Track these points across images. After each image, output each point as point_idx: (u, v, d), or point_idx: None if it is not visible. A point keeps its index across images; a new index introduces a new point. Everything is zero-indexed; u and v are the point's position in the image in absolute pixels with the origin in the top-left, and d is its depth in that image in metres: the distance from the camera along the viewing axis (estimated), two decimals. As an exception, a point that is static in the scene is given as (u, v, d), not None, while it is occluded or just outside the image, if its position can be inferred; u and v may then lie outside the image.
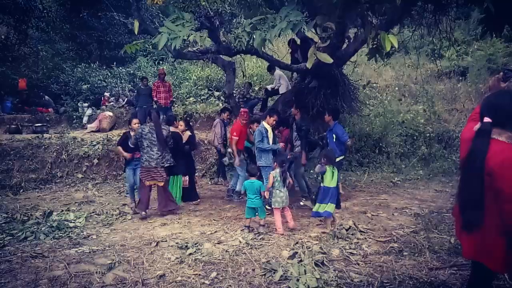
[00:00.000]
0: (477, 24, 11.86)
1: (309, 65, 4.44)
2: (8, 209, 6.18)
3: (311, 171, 7.70)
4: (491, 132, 2.11)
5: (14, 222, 5.52)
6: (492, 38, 5.28)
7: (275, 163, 5.10)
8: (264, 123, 5.96)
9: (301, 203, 6.28)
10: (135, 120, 6.27)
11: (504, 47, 14.14)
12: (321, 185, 5.01)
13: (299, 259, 3.85)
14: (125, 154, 6.11)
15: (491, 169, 2.04)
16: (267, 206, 5.49)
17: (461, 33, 15.12)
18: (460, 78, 13.49)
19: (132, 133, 6.03)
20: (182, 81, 13.55)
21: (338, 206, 5.67)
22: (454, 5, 5.95)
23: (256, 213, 5.04)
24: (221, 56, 7.09)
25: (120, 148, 6.15)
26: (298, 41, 8.15)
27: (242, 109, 6.79)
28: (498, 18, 4.34)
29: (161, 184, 5.85)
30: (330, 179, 4.93)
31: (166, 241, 4.68)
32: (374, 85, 11.81)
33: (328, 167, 4.94)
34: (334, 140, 5.94)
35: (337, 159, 5.62)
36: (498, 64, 13.73)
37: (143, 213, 5.81)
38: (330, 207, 4.88)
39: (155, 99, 9.43)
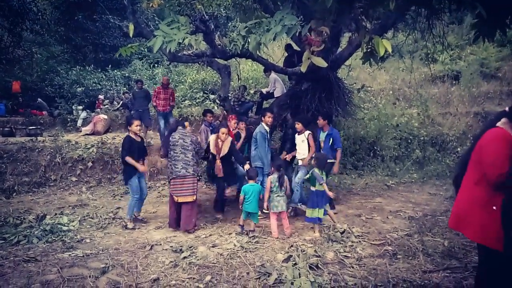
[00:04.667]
0: (470, 29, 12.00)
1: (303, 69, 4.46)
2: (1, 213, 6.11)
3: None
4: (499, 117, 2.61)
5: (6, 225, 5.47)
6: (485, 43, 5.36)
7: (272, 167, 5.09)
8: (264, 125, 6.01)
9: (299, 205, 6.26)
10: (136, 122, 5.65)
11: (496, 52, 14.34)
12: (312, 189, 4.95)
13: (294, 262, 3.85)
14: (141, 167, 5.47)
15: (480, 147, 2.54)
16: (264, 210, 5.49)
17: (454, 37, 15.30)
18: (454, 82, 13.63)
19: (133, 136, 5.59)
20: (177, 84, 13.56)
21: (332, 207, 5.71)
22: (447, 10, 6.01)
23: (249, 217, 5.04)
24: (216, 59, 7.09)
25: (130, 159, 5.39)
26: (295, 46, 8.18)
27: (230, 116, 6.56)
28: (490, 23, 4.40)
29: (192, 199, 5.31)
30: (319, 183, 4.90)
31: (161, 244, 4.67)
32: (369, 88, 11.88)
33: (317, 171, 4.92)
34: (330, 143, 5.96)
35: (330, 161, 5.72)
36: (491, 68, 13.91)
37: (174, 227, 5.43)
38: (321, 213, 4.90)
39: (154, 104, 9.39)
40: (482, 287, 2.66)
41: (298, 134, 6.02)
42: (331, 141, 5.94)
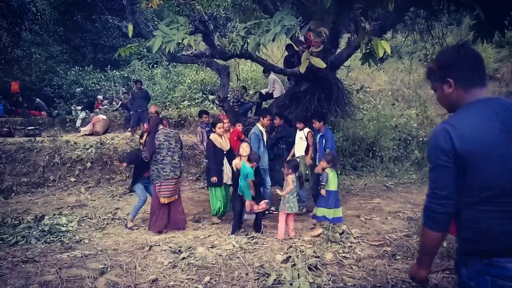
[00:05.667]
0: (468, 30, 12.03)
1: (302, 69, 4.47)
2: (-1, 213, 6.11)
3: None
4: None
5: (5, 226, 5.45)
6: (483, 44, 5.37)
7: (290, 169, 4.93)
8: (259, 125, 5.99)
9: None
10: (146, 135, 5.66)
11: (495, 53, 14.36)
12: (326, 189, 4.84)
13: (293, 263, 3.85)
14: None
15: None
16: (266, 211, 5.46)
17: (453, 38, 15.28)
18: (453, 83, 13.63)
19: (143, 149, 5.60)
20: (176, 85, 13.55)
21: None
22: (446, 12, 6.03)
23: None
24: (215, 60, 7.09)
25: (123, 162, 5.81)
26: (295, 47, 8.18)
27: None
28: (489, 25, 4.42)
29: (175, 198, 5.40)
30: (334, 182, 4.87)
31: (159, 245, 4.65)
32: (368, 89, 11.90)
33: (333, 170, 4.90)
34: (323, 145, 5.91)
35: None
36: (490, 69, 13.93)
37: (164, 230, 5.37)
38: (339, 212, 4.89)
39: None
40: None
41: (298, 131, 6.05)
42: (324, 143, 5.90)
